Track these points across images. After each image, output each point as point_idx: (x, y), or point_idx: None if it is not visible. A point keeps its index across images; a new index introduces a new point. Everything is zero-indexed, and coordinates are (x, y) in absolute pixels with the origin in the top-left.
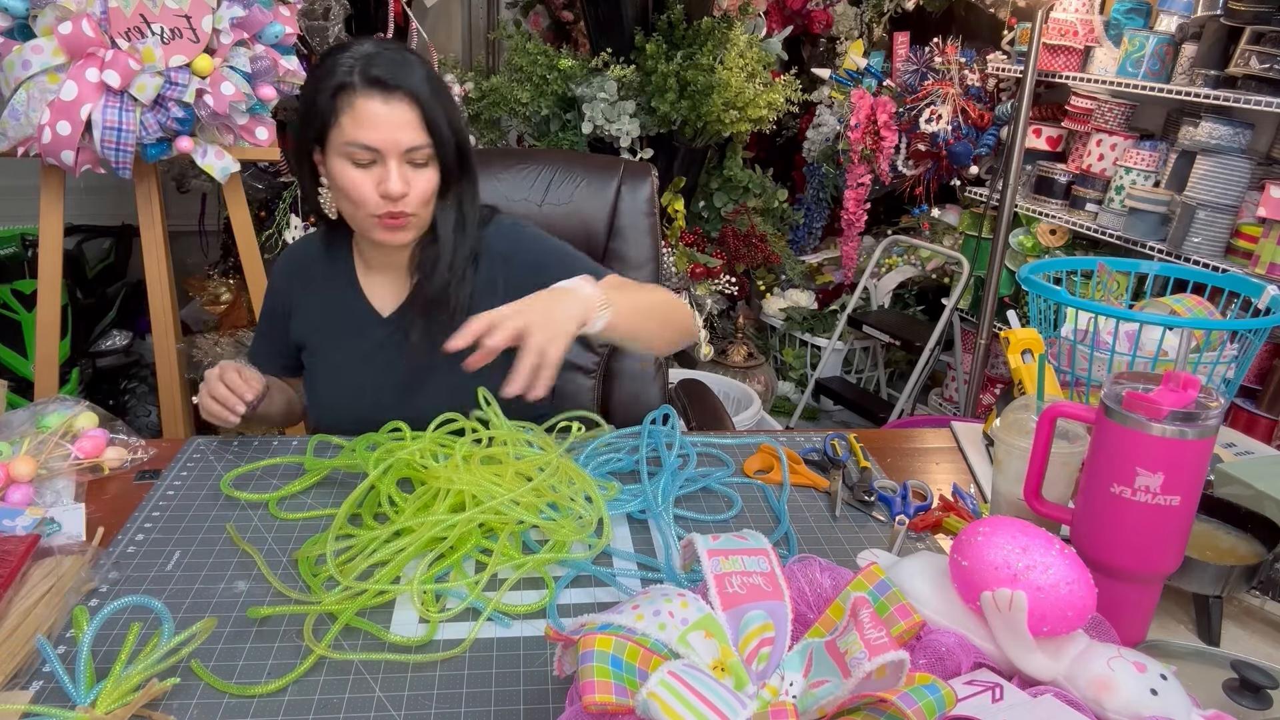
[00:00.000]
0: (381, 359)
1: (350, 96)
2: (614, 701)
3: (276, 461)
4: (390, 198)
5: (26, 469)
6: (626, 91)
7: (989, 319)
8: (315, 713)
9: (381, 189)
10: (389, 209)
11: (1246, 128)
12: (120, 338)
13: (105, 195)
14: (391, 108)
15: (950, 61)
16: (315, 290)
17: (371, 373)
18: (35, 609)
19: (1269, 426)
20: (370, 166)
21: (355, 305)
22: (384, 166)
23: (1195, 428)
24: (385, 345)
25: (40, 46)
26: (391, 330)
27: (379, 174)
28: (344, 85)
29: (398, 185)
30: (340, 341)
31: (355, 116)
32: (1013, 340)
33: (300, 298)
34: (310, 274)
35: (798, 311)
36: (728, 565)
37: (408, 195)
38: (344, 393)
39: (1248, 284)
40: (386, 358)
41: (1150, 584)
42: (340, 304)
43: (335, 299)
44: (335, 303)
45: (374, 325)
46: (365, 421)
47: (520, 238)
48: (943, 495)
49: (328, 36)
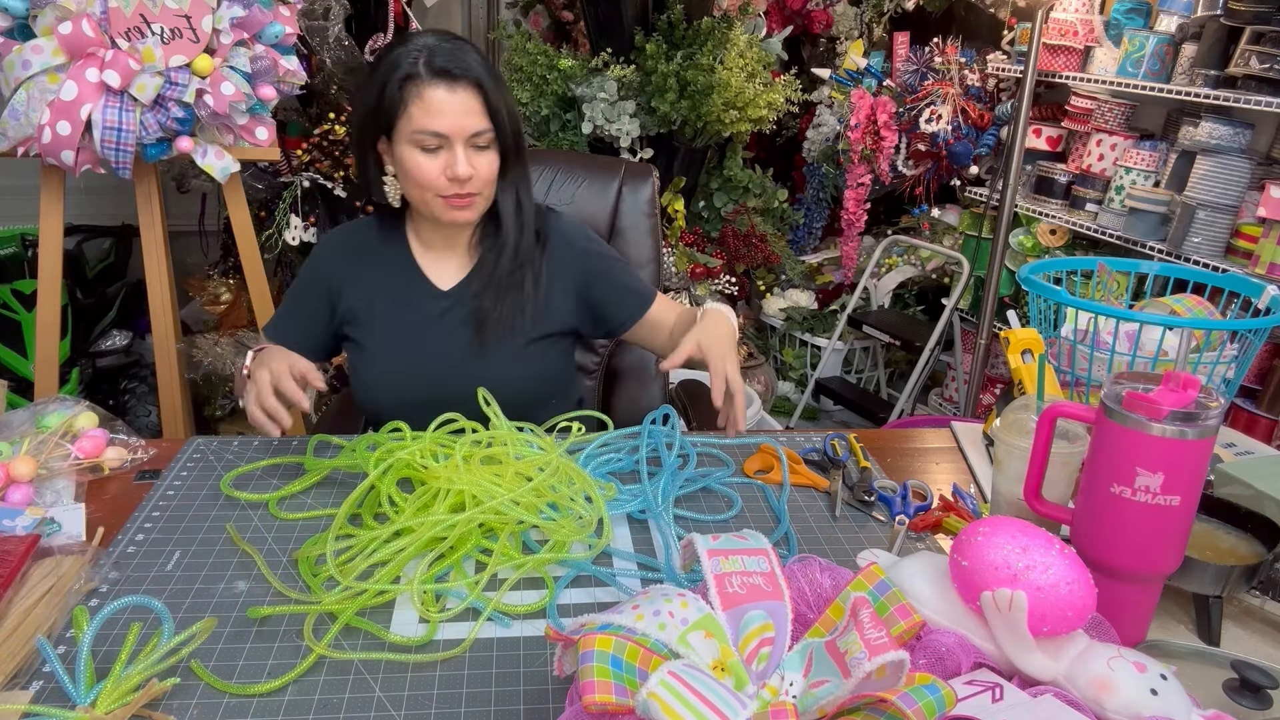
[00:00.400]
0: (443, 329)
1: (418, 86)
2: (614, 701)
3: (276, 461)
4: (458, 180)
5: (26, 469)
6: (626, 91)
7: (989, 319)
8: (315, 713)
9: (449, 172)
10: (456, 190)
11: (1246, 128)
12: (120, 338)
13: (105, 195)
14: (456, 95)
15: (950, 61)
16: (370, 267)
17: (433, 341)
18: (35, 609)
19: (1269, 426)
20: (437, 151)
21: (414, 280)
22: (450, 151)
23: (1195, 428)
24: (446, 316)
25: (40, 46)
26: (452, 303)
27: (446, 159)
28: (411, 76)
29: (464, 168)
30: (400, 314)
31: (423, 105)
32: (1013, 340)
33: (354, 274)
34: (364, 252)
35: (798, 311)
36: (728, 565)
37: (473, 177)
38: (399, 364)
39: (1248, 284)
40: (448, 328)
41: (1150, 584)
42: (398, 279)
43: (392, 275)
44: (392, 278)
45: (433, 298)
46: (422, 392)
47: (581, 229)
48: (943, 495)
49: (327, 36)
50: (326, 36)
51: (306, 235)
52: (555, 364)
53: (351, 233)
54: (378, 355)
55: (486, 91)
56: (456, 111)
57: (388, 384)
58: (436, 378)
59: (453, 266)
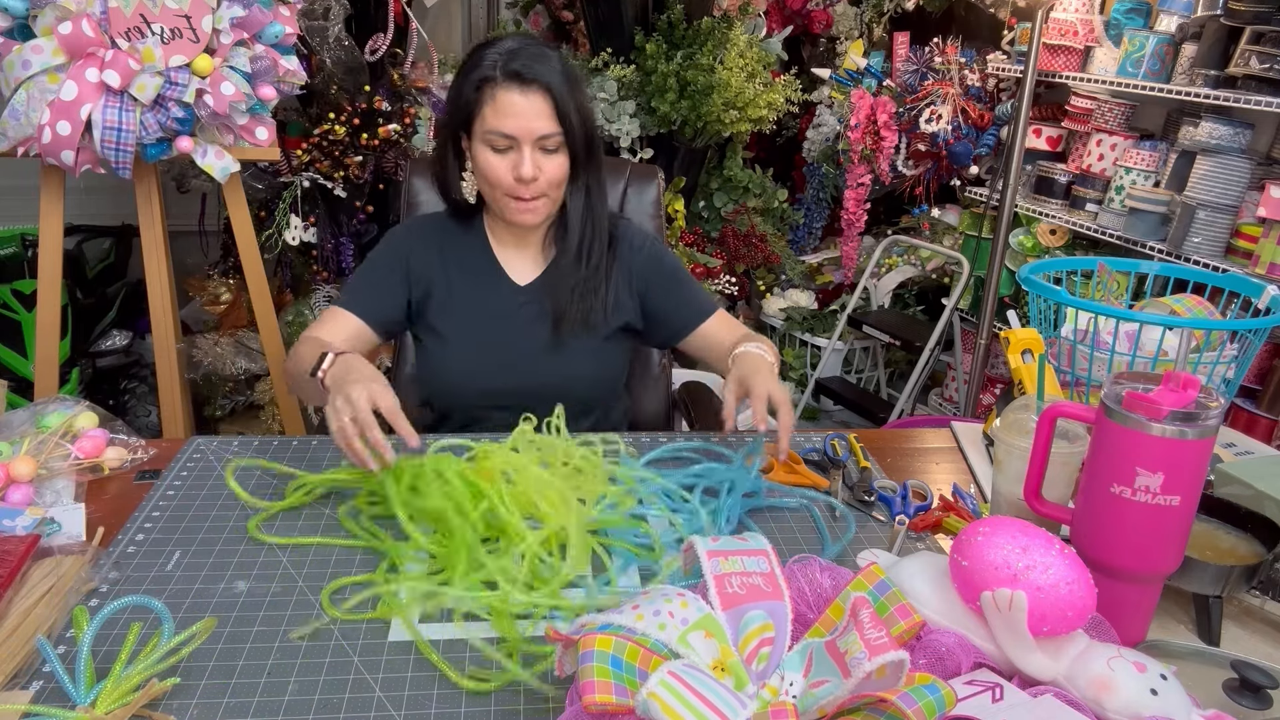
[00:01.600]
0: (520, 322)
1: (492, 89)
2: (614, 701)
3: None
4: (523, 180)
5: (26, 469)
6: (626, 91)
7: (989, 319)
8: (315, 713)
9: (515, 173)
10: (520, 191)
11: (1246, 128)
12: (120, 338)
13: (105, 195)
14: (528, 99)
15: (950, 61)
16: (451, 255)
17: (512, 333)
18: (35, 609)
19: (1269, 426)
20: (507, 152)
21: (494, 273)
22: (519, 152)
23: (1195, 428)
24: (523, 310)
25: (40, 46)
26: (529, 298)
27: (514, 159)
28: (487, 78)
29: (529, 169)
30: (482, 304)
31: (495, 107)
32: (1013, 340)
33: (436, 260)
34: (445, 240)
35: (798, 311)
36: (727, 566)
37: (539, 179)
38: (479, 353)
39: (1248, 284)
40: (525, 321)
41: (1150, 584)
42: (479, 270)
43: (473, 266)
44: (473, 269)
45: (512, 292)
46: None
47: (649, 235)
48: (943, 495)
49: (327, 36)
50: (326, 36)
51: (306, 235)
52: (621, 360)
53: (430, 221)
54: (458, 344)
55: (557, 96)
56: (526, 114)
57: (466, 373)
58: (514, 370)
59: (529, 263)
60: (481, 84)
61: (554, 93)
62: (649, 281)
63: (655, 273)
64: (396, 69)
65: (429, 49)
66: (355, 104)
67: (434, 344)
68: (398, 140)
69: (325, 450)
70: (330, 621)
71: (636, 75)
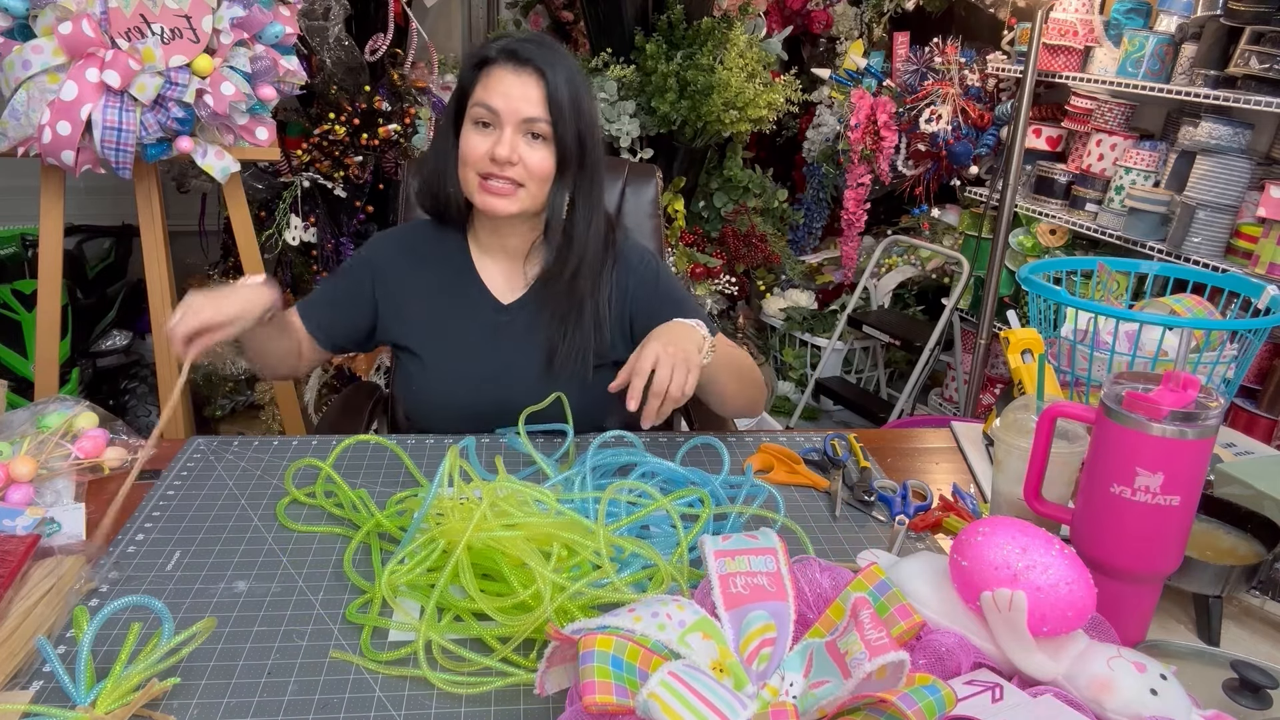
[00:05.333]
0: (507, 345)
1: (489, 67)
2: (614, 702)
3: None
4: (496, 161)
5: (26, 469)
6: (626, 91)
7: (989, 319)
8: (315, 713)
9: (492, 151)
10: (493, 170)
11: (1246, 128)
12: (120, 338)
13: (105, 195)
14: (520, 79)
15: (950, 61)
16: (427, 269)
17: (497, 356)
18: (35, 609)
19: (1269, 426)
20: (489, 130)
21: (474, 289)
22: (500, 131)
23: (1195, 428)
24: (507, 331)
25: (40, 46)
26: (513, 318)
27: (494, 137)
28: (485, 59)
29: (506, 149)
30: (463, 323)
31: (487, 83)
32: (1013, 340)
33: (409, 274)
34: (421, 253)
35: (798, 311)
36: (733, 566)
37: (517, 165)
38: (463, 378)
39: (1248, 284)
40: (512, 344)
41: (1150, 584)
42: (457, 285)
43: (451, 280)
44: (451, 283)
45: (494, 311)
46: (487, 406)
47: (649, 255)
48: (943, 495)
49: (327, 36)
50: (326, 36)
51: (306, 235)
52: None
53: (408, 232)
54: (435, 364)
55: (550, 84)
56: (514, 93)
57: (445, 393)
58: (495, 392)
59: (513, 278)
60: (480, 64)
61: (548, 79)
62: (640, 304)
63: (650, 296)
64: (396, 69)
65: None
66: (355, 104)
67: (410, 363)
68: (398, 140)
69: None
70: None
71: (636, 75)
